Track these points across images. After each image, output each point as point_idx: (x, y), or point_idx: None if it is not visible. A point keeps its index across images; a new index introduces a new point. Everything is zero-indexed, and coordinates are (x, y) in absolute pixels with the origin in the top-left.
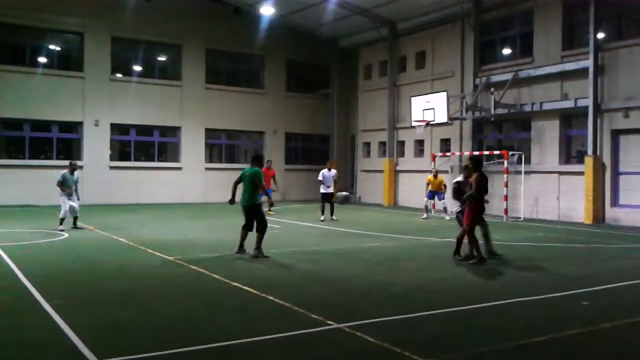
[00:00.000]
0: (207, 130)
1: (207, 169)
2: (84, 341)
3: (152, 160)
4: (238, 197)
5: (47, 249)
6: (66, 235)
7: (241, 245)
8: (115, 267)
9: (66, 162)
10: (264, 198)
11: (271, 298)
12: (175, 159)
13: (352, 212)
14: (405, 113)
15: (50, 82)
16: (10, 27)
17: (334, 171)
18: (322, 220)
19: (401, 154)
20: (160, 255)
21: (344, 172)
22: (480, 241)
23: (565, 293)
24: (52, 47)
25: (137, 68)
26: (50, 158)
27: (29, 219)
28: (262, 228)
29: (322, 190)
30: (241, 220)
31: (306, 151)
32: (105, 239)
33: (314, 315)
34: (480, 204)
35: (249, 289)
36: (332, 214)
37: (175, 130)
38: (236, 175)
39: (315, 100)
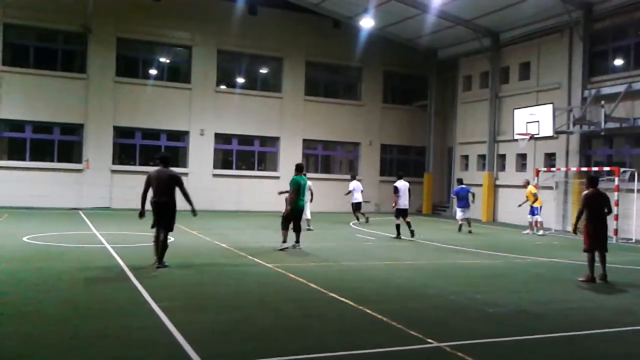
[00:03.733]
0: (304, 140)
1: None
2: (189, 343)
3: (252, 169)
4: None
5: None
6: (172, 239)
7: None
8: (217, 272)
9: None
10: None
11: (368, 311)
12: (274, 168)
13: (448, 227)
14: (507, 125)
15: (160, 93)
16: (125, 41)
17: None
18: (359, 222)
19: (501, 167)
20: (260, 262)
21: (439, 185)
22: (597, 263)
23: None
24: (162, 60)
25: (240, 80)
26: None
27: (139, 221)
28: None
29: (354, 200)
30: (334, 229)
31: (401, 163)
32: (207, 244)
33: (412, 332)
34: (592, 224)
35: (346, 300)
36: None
37: (274, 141)
38: (332, 184)
39: (412, 111)
